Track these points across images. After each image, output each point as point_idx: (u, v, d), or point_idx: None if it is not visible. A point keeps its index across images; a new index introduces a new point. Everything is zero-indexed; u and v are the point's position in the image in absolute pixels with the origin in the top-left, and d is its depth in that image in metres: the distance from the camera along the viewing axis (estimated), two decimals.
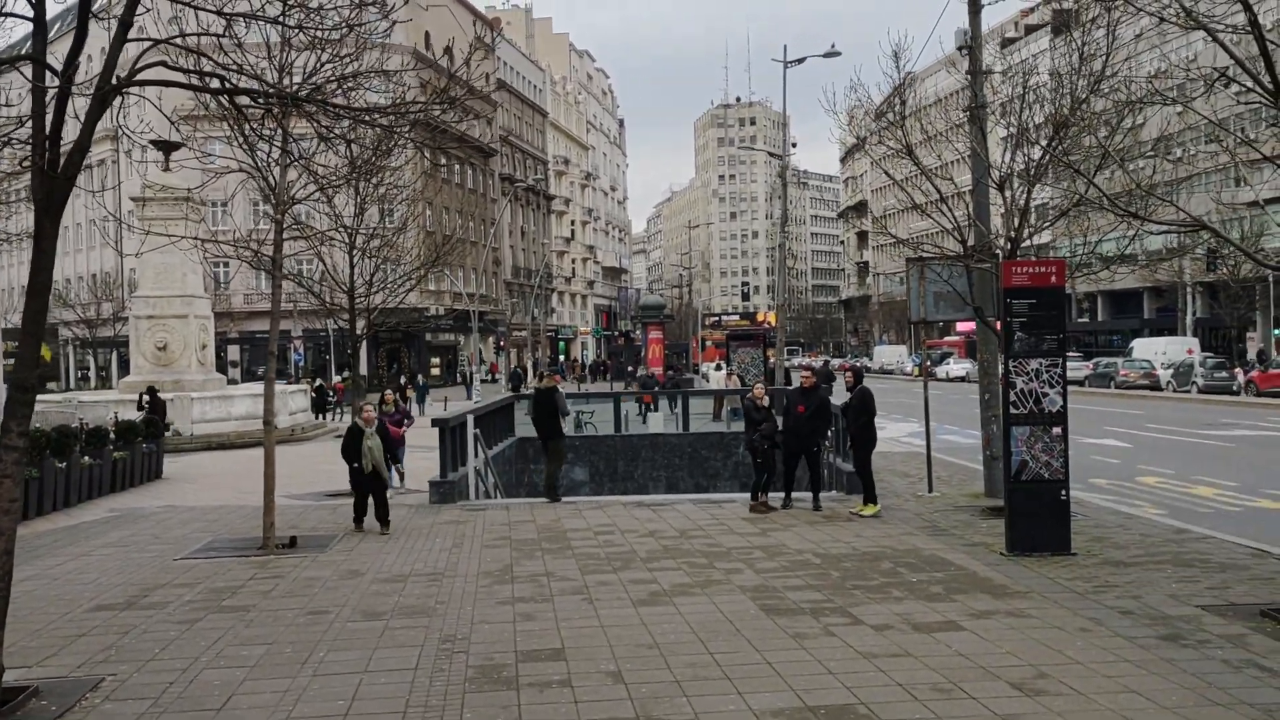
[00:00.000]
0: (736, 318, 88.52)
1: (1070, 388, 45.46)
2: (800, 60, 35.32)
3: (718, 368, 36.84)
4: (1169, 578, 9.17)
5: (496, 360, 70.58)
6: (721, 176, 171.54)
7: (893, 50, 13.60)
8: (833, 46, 35.33)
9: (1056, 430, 10.34)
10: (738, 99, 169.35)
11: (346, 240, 16.56)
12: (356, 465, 12.56)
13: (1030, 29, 71.46)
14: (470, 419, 15.95)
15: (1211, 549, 10.42)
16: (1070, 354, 55.31)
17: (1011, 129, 13.06)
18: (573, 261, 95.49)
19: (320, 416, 36.96)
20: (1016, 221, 12.69)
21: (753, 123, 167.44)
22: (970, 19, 14.51)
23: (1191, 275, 50.26)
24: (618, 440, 23.64)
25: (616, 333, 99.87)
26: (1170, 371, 41.22)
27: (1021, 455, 10.33)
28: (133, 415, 21.36)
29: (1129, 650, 7.01)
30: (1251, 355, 46.87)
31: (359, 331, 17.28)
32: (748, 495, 14.16)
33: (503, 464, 20.73)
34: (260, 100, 7.28)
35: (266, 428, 11.93)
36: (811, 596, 8.75)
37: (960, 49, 14.65)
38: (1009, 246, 12.85)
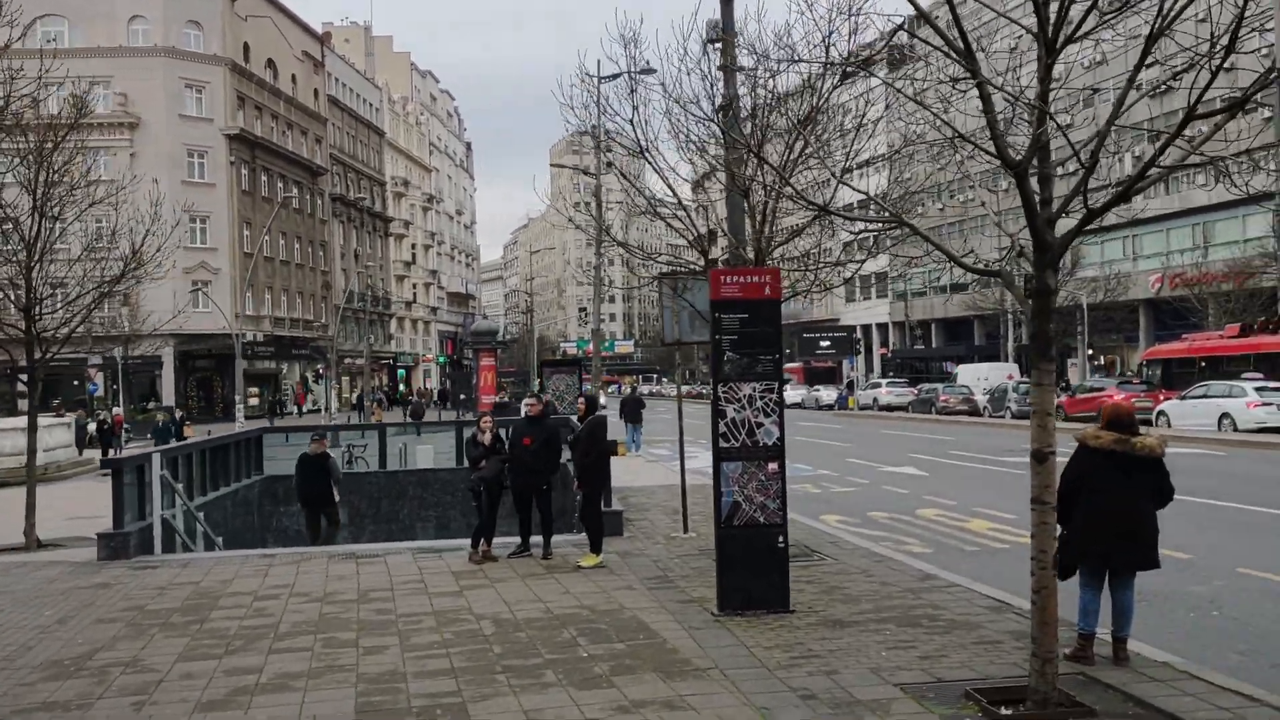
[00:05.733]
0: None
1: (895, 413, 44.87)
2: (614, 76, 34.00)
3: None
4: (884, 642, 7.71)
5: (309, 391, 66.85)
6: (576, 204, 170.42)
7: (621, 35, 12.10)
8: (647, 63, 34.12)
9: (773, 466, 8.81)
10: (593, 125, 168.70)
11: (15, 247, 14.04)
12: None
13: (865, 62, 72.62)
14: (157, 458, 13.47)
15: (950, 601, 9.07)
16: (897, 379, 56.25)
17: (755, 131, 11.71)
18: (414, 286, 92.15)
19: (107, 452, 33.99)
20: (760, 230, 11.35)
21: (609, 149, 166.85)
22: (722, 8, 13.17)
23: (1012, 303, 51.17)
24: (381, 477, 21.33)
25: (456, 359, 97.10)
26: (987, 397, 41.48)
27: (733, 496, 8.76)
28: None
29: None
30: (1073, 380, 47.56)
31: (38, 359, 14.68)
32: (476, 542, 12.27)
33: (240, 505, 18.27)
34: None
35: None
36: (438, 688, 6.90)
37: (712, 42, 13.25)
38: (754, 258, 11.49)
